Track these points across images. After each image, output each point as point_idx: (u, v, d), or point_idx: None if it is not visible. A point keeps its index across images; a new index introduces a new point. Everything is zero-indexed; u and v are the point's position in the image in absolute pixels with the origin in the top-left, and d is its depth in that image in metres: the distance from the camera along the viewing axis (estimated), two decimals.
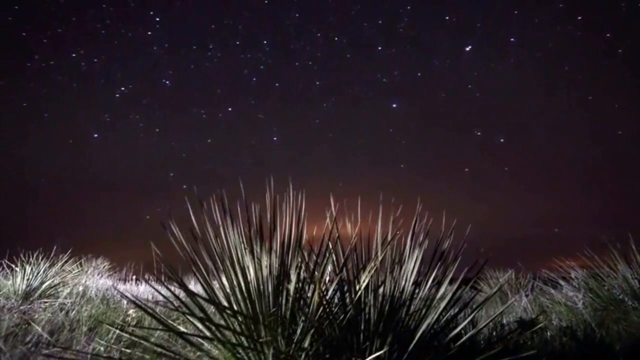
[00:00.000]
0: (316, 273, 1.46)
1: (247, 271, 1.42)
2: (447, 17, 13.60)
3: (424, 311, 1.60)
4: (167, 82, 14.45)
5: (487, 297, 1.69)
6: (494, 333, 2.32)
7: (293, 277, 1.40)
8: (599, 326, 2.79)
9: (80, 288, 3.97)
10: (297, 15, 14.80)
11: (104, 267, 7.42)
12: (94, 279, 5.49)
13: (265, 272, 1.41)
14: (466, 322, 1.79)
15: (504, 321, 3.19)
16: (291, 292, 1.39)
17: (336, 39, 14.61)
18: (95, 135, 14.37)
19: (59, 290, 3.97)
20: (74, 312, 3.12)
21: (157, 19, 13.86)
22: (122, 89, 13.87)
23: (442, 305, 1.58)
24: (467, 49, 13.55)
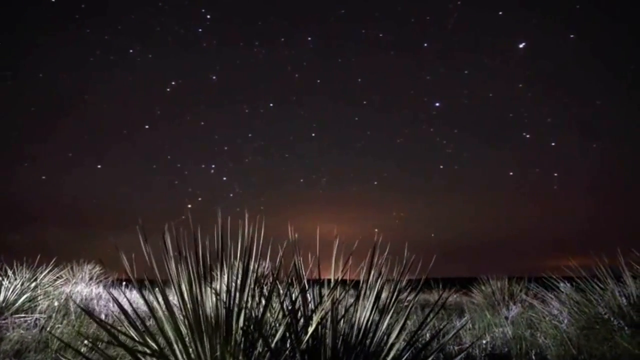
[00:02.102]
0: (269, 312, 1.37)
1: (190, 310, 1.34)
2: (500, 12, 12.59)
3: (385, 348, 1.52)
4: (214, 77, 14.56)
5: (452, 333, 1.60)
6: None
7: (240, 319, 1.32)
8: (584, 346, 2.70)
9: (57, 302, 3.90)
10: (342, 11, 14.40)
11: (95, 272, 7.36)
12: (81, 287, 5.43)
13: (209, 312, 1.33)
14: (434, 352, 1.72)
15: (486, 338, 3.11)
16: (237, 335, 1.31)
17: (381, 35, 14.07)
18: (147, 127, 14.70)
19: (39, 302, 3.90)
20: (47, 329, 3.06)
21: (208, 16, 13.88)
22: (173, 83, 14.13)
23: (401, 341, 1.50)
24: (521, 45, 12.47)
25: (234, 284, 1.40)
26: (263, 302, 1.40)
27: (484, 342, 3.03)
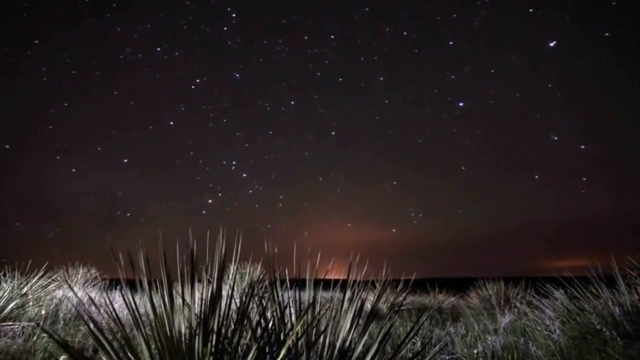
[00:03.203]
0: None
1: (161, 331, 1.31)
2: (530, 10, 12.12)
3: None
4: (237, 75, 14.85)
5: (439, 345, 1.56)
6: None
7: (208, 343, 1.28)
8: (576, 357, 2.66)
9: (45, 310, 3.87)
10: (366, 9, 14.28)
11: (91, 275, 7.33)
12: (73, 292, 5.38)
13: (180, 333, 1.29)
14: None
15: (478, 347, 3.06)
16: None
17: (405, 33, 13.83)
18: (171, 123, 15.09)
19: (28, 308, 3.87)
20: (33, 339, 3.03)
21: (234, 15, 14.12)
22: (197, 80, 14.51)
23: (380, 354, 1.46)
24: (551, 44, 11.96)
25: (204, 307, 1.36)
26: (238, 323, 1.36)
27: (475, 351, 2.99)
